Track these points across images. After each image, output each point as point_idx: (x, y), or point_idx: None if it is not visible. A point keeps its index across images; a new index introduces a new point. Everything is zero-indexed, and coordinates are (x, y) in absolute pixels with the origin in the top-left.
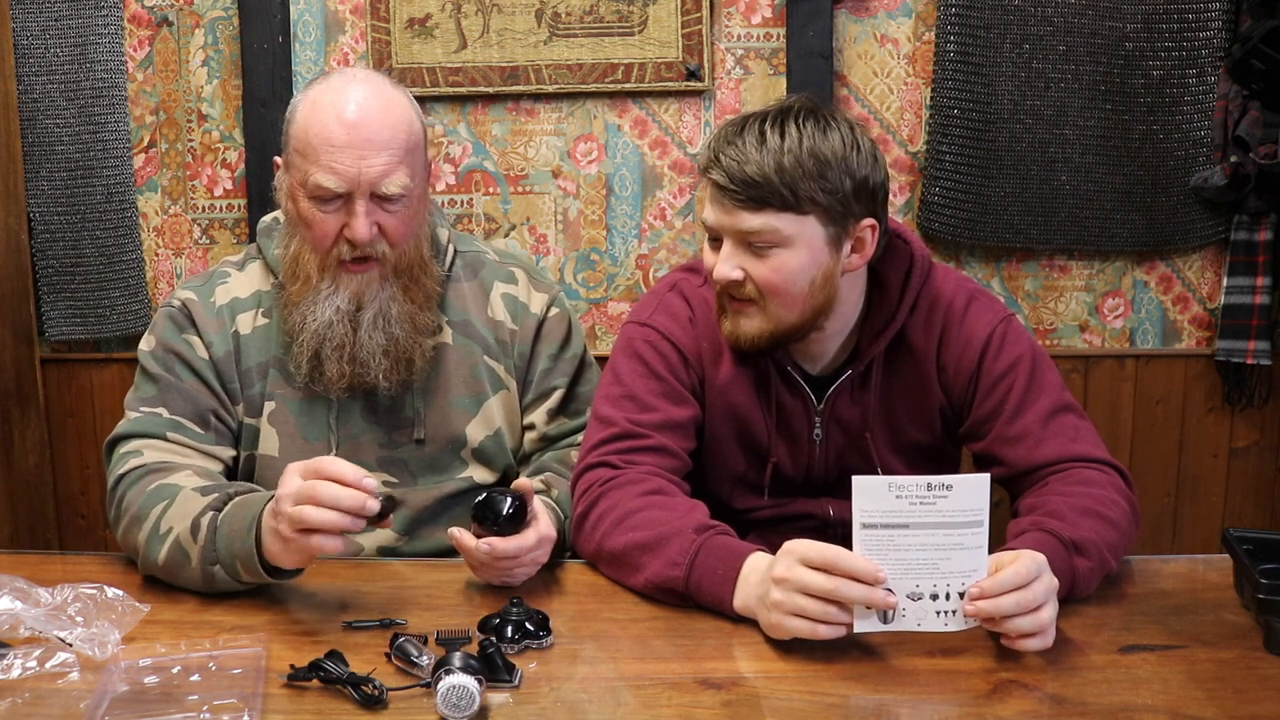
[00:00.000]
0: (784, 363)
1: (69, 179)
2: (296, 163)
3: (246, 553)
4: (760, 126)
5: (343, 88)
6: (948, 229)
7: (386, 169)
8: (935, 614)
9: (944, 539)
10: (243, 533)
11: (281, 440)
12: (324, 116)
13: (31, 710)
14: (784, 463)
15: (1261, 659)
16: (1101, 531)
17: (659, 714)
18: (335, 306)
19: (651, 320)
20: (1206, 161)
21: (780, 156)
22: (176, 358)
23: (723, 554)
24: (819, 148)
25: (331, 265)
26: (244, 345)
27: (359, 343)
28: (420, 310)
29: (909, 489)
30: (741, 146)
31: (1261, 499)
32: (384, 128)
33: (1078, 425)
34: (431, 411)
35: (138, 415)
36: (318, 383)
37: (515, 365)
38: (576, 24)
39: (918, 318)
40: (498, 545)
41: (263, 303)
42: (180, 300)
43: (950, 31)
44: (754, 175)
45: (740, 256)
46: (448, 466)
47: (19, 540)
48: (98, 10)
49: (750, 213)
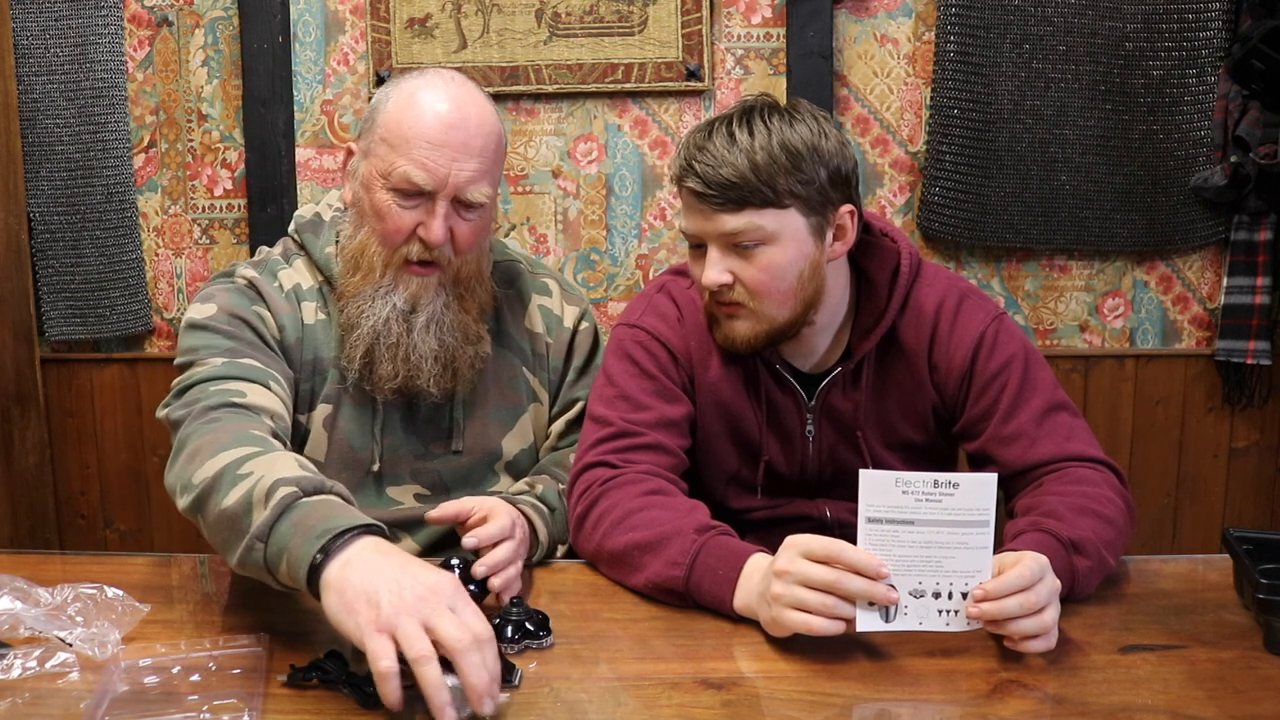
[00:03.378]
0: (773, 360)
1: (69, 179)
2: (381, 152)
3: (299, 558)
4: (727, 128)
5: (442, 86)
6: (948, 229)
7: (475, 175)
8: (937, 613)
9: (949, 537)
10: (313, 534)
11: (330, 446)
12: (421, 111)
13: (31, 710)
14: (777, 460)
15: (1261, 659)
16: (1100, 530)
17: (659, 714)
18: (392, 304)
19: (641, 321)
20: (1206, 161)
21: (753, 154)
22: (247, 325)
23: (724, 554)
24: (789, 140)
25: (397, 263)
26: (309, 335)
27: (413, 344)
28: (472, 321)
29: (915, 484)
30: (713, 150)
31: (1261, 499)
32: (479, 134)
33: (1071, 424)
34: (471, 423)
35: (223, 360)
36: (368, 381)
37: (550, 379)
38: (576, 24)
39: (908, 317)
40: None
41: (318, 298)
42: (245, 278)
43: (950, 31)
44: (730, 176)
45: (727, 260)
46: (482, 479)
47: (19, 540)
48: (98, 10)
49: (731, 214)
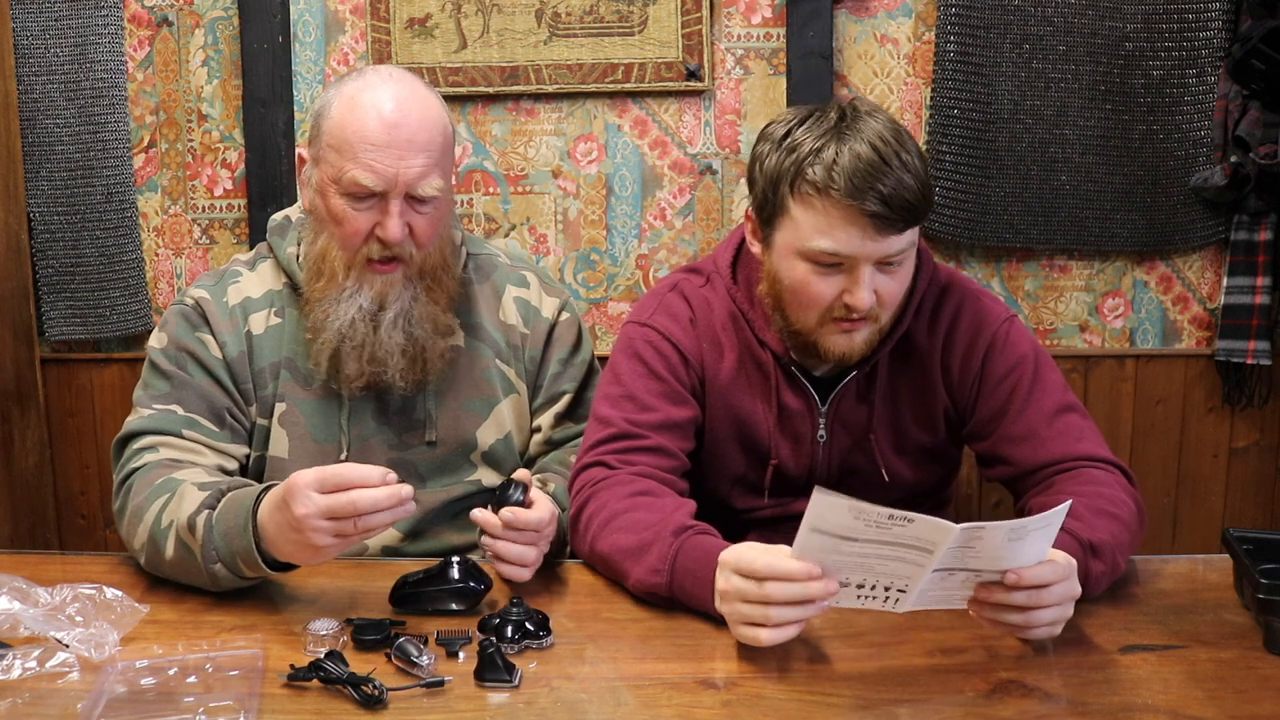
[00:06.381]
0: (789, 364)
1: (69, 179)
2: (330, 158)
3: (246, 549)
4: (878, 145)
5: (381, 86)
6: (948, 229)
7: (424, 170)
8: (856, 598)
9: (889, 552)
10: (239, 529)
11: (292, 442)
12: (363, 114)
13: (31, 710)
14: (786, 463)
15: (1261, 659)
16: (1115, 533)
17: (659, 714)
18: (358, 306)
19: (652, 320)
20: (1206, 161)
21: (916, 171)
22: (189, 356)
23: (700, 555)
24: (914, 154)
25: (359, 264)
26: (257, 346)
27: (378, 342)
28: (441, 311)
29: (869, 514)
30: (888, 171)
31: (1261, 499)
32: (423, 129)
33: (1081, 425)
34: (443, 414)
35: (151, 412)
36: (335, 380)
37: (526, 369)
38: (576, 24)
39: (921, 320)
40: (521, 515)
41: (275, 302)
42: (193, 299)
43: (950, 31)
44: (910, 198)
45: (874, 278)
46: (457, 469)
47: (19, 540)
48: (98, 10)
49: (899, 234)
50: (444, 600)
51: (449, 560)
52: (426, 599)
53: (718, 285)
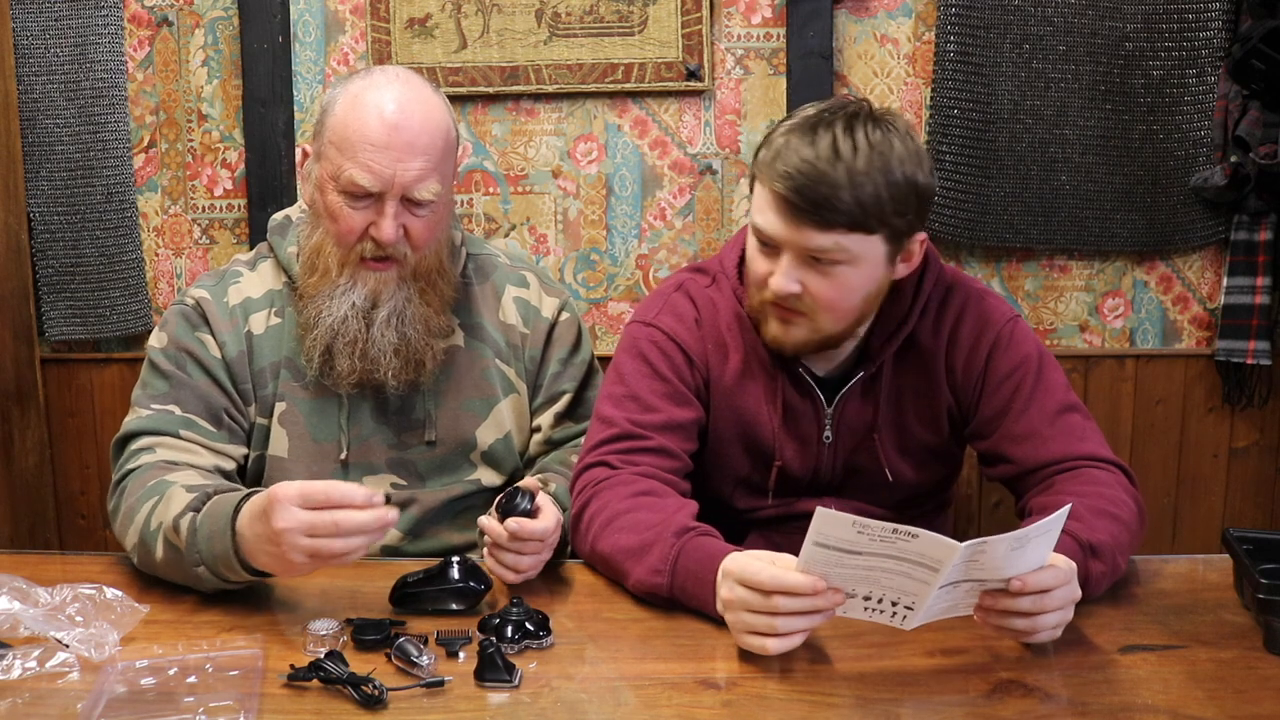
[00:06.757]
0: (794, 365)
1: (69, 179)
2: (330, 155)
3: (225, 554)
4: (831, 137)
5: (385, 86)
6: (948, 229)
7: (421, 174)
8: (864, 610)
9: (894, 566)
10: (220, 534)
11: (291, 441)
12: (365, 114)
13: (31, 710)
14: (790, 464)
15: (1261, 659)
16: (1116, 534)
17: (659, 714)
18: (351, 302)
19: (657, 320)
20: (1206, 161)
21: (856, 177)
22: (189, 356)
23: (702, 557)
24: (893, 170)
25: (353, 261)
26: (257, 345)
27: (371, 339)
28: (435, 314)
29: (873, 529)
30: (814, 160)
31: (1261, 499)
32: (424, 133)
33: (1084, 425)
34: (442, 413)
35: (149, 413)
36: (327, 377)
37: (526, 369)
38: (576, 24)
39: (926, 320)
40: (526, 525)
41: (275, 302)
42: (193, 299)
43: (950, 31)
44: (827, 195)
45: (800, 271)
46: (457, 468)
47: (19, 540)
48: (98, 10)
49: (819, 231)
50: (444, 600)
51: (449, 560)
52: (426, 599)
53: (723, 286)
